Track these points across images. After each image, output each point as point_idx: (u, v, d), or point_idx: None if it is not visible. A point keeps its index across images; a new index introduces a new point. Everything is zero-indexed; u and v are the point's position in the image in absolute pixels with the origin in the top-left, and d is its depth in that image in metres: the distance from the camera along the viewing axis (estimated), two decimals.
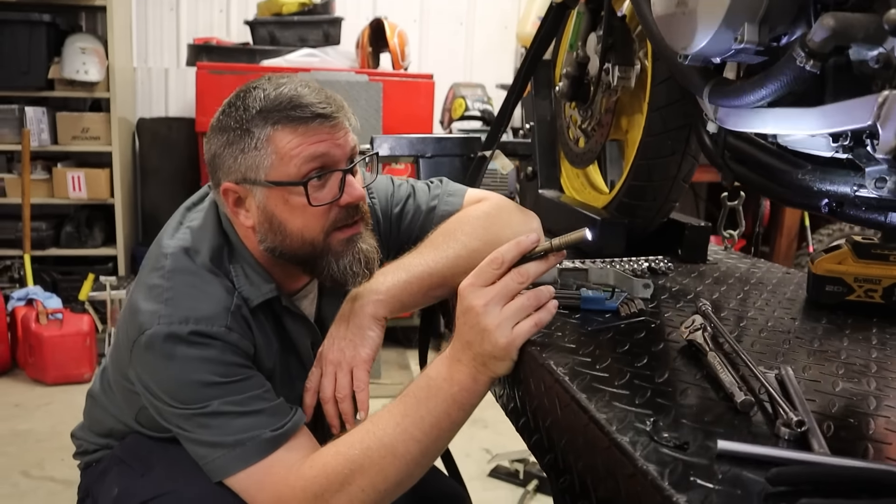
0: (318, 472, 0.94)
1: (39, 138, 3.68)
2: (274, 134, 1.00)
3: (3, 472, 2.41)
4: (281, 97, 1.00)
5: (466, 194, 1.27)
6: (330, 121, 1.01)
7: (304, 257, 1.07)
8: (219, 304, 1.01)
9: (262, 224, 1.05)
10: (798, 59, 0.69)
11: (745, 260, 1.51)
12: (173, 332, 0.97)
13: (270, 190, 1.02)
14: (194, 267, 1.05)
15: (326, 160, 1.02)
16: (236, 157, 1.02)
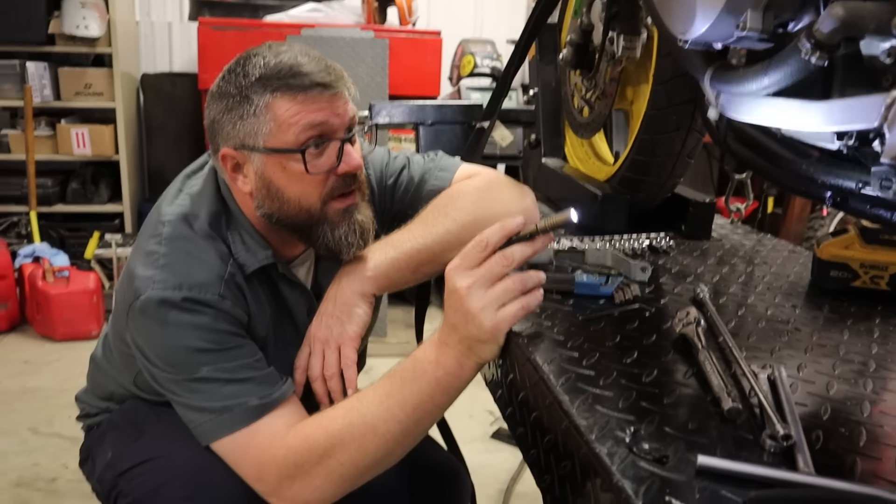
0: (300, 443, 0.96)
1: (42, 94, 3.64)
2: (273, 101, 1.00)
3: (12, 428, 2.46)
4: (281, 65, 1.00)
5: (459, 169, 1.25)
6: (329, 90, 1.01)
7: (300, 225, 1.07)
8: (213, 272, 1.02)
9: (259, 190, 1.05)
10: (803, 51, 0.64)
11: (751, 235, 1.47)
12: (167, 298, 0.98)
13: (268, 157, 1.02)
14: (191, 234, 1.05)
15: (325, 129, 1.01)
16: (235, 123, 1.02)
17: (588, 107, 1.55)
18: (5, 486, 2.14)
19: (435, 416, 0.94)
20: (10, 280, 3.30)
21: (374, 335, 3.43)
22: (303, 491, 0.96)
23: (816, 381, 0.76)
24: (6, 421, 2.50)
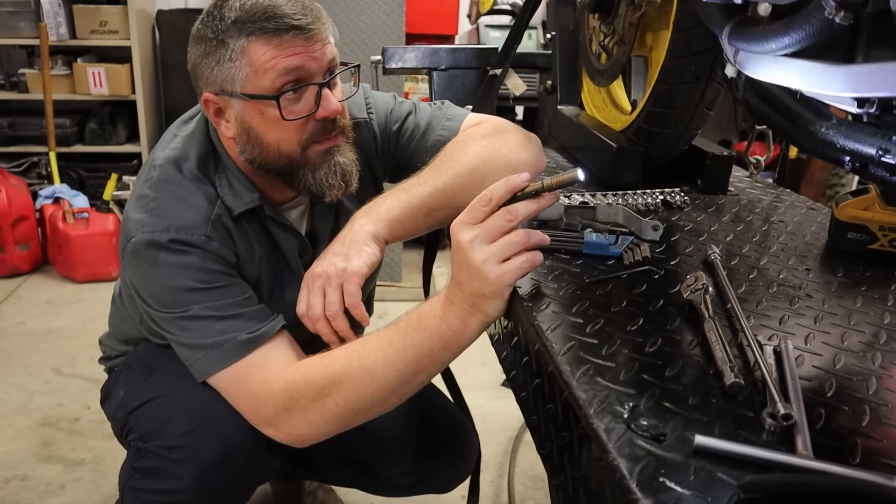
0: (300, 379, 0.98)
1: (57, 32, 3.60)
2: (248, 45, 0.98)
3: (36, 368, 2.53)
4: (256, 7, 0.98)
5: (466, 119, 1.24)
6: (305, 32, 0.99)
7: (281, 169, 1.07)
8: (199, 214, 1.04)
9: (240, 136, 1.06)
10: (827, 9, 0.60)
11: (770, 191, 1.43)
12: (155, 240, 1.01)
13: (246, 102, 1.02)
14: (179, 178, 1.07)
15: (302, 73, 1.00)
16: (212, 68, 1.02)
17: (606, 53, 1.50)
18: (31, 425, 2.21)
19: (434, 370, 0.95)
20: (32, 221, 3.34)
21: (390, 279, 3.45)
22: (297, 424, 1.00)
23: (824, 353, 0.74)
24: (31, 361, 2.57)
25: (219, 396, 1.05)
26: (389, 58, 1.68)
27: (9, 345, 2.69)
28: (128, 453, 1.16)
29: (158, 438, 1.07)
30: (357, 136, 1.21)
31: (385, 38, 3.29)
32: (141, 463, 1.09)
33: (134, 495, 1.10)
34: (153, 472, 1.07)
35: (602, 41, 1.49)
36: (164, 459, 1.05)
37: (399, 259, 3.46)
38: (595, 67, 1.59)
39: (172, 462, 1.04)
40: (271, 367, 1.02)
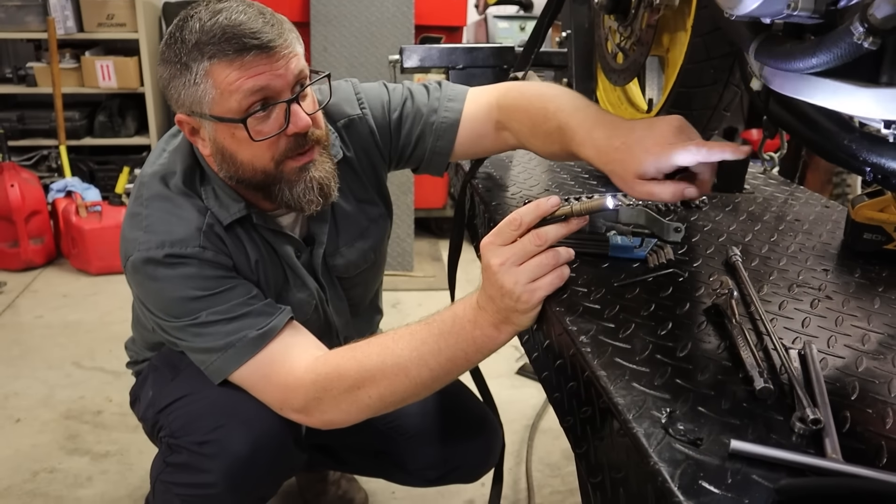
0: (331, 370, 1.02)
1: (65, 26, 3.62)
2: (211, 68, 0.99)
3: (57, 362, 2.57)
4: (215, 28, 0.97)
5: (468, 95, 1.25)
6: (267, 51, 0.98)
7: (258, 185, 1.10)
8: (191, 226, 1.07)
9: (215, 154, 1.08)
10: (856, 35, 0.63)
11: (783, 188, 1.46)
12: (151, 257, 1.05)
13: (217, 123, 1.03)
14: (168, 193, 1.10)
15: (268, 92, 1.01)
16: (180, 91, 1.03)
17: (622, 53, 1.52)
18: (56, 418, 2.26)
19: (465, 369, 0.99)
20: (45, 214, 3.37)
21: (401, 268, 3.49)
22: (328, 411, 1.04)
23: (846, 356, 0.78)
24: (52, 355, 2.61)
25: (245, 392, 1.09)
26: (407, 57, 1.70)
27: (28, 338, 2.73)
28: (159, 449, 1.20)
29: (189, 434, 1.11)
30: (353, 134, 1.23)
31: (394, 29, 3.31)
32: (172, 458, 1.13)
33: (165, 488, 1.15)
34: (184, 467, 1.11)
35: (619, 42, 1.52)
36: (195, 454, 1.10)
37: (410, 248, 3.50)
38: (611, 67, 1.61)
39: (203, 457, 1.09)
40: (296, 358, 1.06)
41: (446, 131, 1.22)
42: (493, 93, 1.22)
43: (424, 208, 3.64)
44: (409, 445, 1.46)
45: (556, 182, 1.42)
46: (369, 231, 1.30)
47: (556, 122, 1.04)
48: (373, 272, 1.37)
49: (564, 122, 1.03)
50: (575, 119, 1.02)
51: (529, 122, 1.12)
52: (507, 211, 1.21)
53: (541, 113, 1.09)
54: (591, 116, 1.01)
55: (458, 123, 1.22)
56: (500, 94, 1.21)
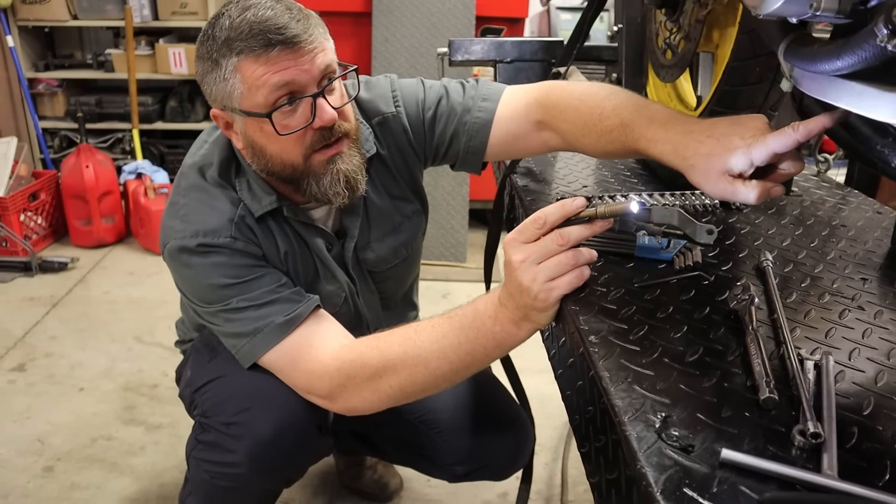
0: (355, 359, 1.05)
1: (141, 14, 3.77)
2: (240, 64, 1.01)
3: (120, 336, 2.71)
4: (243, 24, 1.00)
5: (505, 94, 1.23)
6: (293, 46, 1.00)
7: (287, 177, 1.12)
8: (223, 217, 1.11)
9: (247, 148, 1.12)
10: (880, 37, 0.61)
11: (836, 192, 1.40)
12: (185, 246, 1.09)
13: (246, 118, 1.06)
14: (204, 184, 1.15)
15: (294, 87, 1.03)
16: (212, 86, 1.06)
17: (670, 49, 1.49)
18: (115, 389, 2.38)
19: (485, 364, 1.00)
20: (116, 195, 3.54)
21: (455, 259, 3.51)
22: (351, 398, 1.07)
23: (867, 369, 0.75)
24: (115, 329, 2.75)
25: (274, 378, 1.13)
26: (455, 50, 1.71)
27: (95, 312, 2.88)
28: (193, 426, 1.26)
29: (218, 415, 1.16)
30: (386, 131, 1.24)
31: (455, 20, 3.31)
32: (203, 436, 1.18)
33: (196, 464, 1.20)
34: (213, 446, 1.16)
35: (667, 37, 1.49)
36: (223, 434, 1.14)
37: (464, 240, 3.51)
38: (660, 62, 1.58)
39: (229, 437, 1.13)
40: (323, 346, 1.09)
41: (479, 131, 1.21)
42: (533, 93, 1.20)
43: (480, 199, 3.64)
44: (438, 439, 1.48)
45: (598, 179, 1.41)
46: (402, 227, 1.31)
47: (618, 119, 1.01)
48: (405, 267, 1.38)
49: (628, 119, 0.99)
50: (642, 115, 0.98)
51: (581, 121, 1.09)
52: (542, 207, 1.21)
53: (595, 112, 1.06)
54: (660, 113, 0.98)
55: (491, 123, 1.21)
56: (540, 94, 1.19)
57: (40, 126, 3.89)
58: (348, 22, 3.41)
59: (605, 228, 0.85)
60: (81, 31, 4.21)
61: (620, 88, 1.10)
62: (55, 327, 2.76)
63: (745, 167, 0.80)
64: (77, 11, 3.79)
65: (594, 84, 1.13)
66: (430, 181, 3.39)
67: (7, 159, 3.37)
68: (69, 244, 3.54)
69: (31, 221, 3.40)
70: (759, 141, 0.79)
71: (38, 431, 2.16)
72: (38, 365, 2.51)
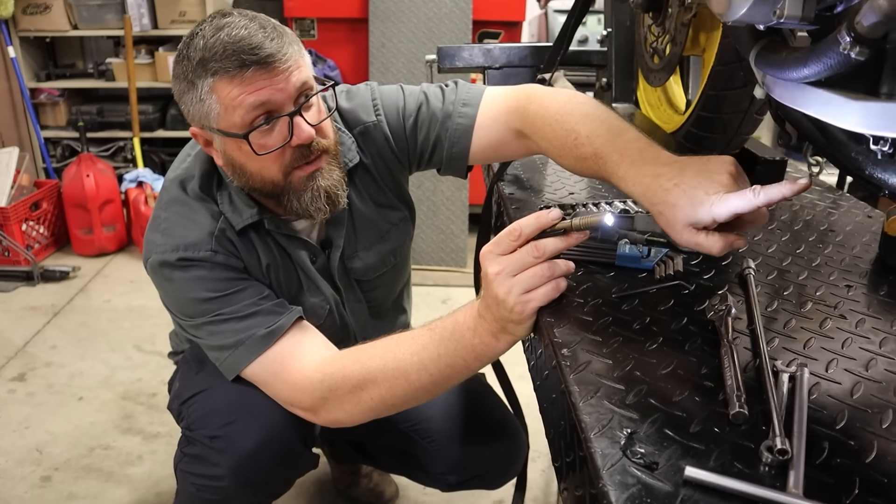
0: (336, 371, 1.05)
1: (140, 23, 3.78)
2: (215, 84, 1.01)
3: (119, 344, 2.71)
4: (217, 45, 0.99)
5: (484, 98, 1.20)
6: (266, 66, 1.00)
7: (268, 193, 1.12)
8: (203, 231, 1.11)
9: (227, 165, 1.11)
10: (842, 45, 0.60)
11: (827, 195, 1.39)
12: (166, 260, 1.09)
13: (225, 137, 1.06)
14: (185, 197, 1.14)
15: (270, 106, 1.02)
16: (189, 106, 1.06)
17: (657, 54, 1.48)
18: (114, 398, 2.39)
19: (465, 376, 1.00)
20: (118, 204, 3.55)
21: (455, 264, 3.50)
22: (334, 411, 1.07)
23: (843, 381, 0.74)
24: (115, 338, 2.76)
25: (260, 391, 1.12)
26: (444, 57, 1.70)
27: (96, 321, 2.89)
28: (179, 438, 1.26)
29: (202, 428, 1.16)
30: (368, 140, 1.23)
31: (452, 25, 3.31)
32: (188, 449, 1.18)
33: (183, 477, 1.20)
34: (198, 459, 1.16)
35: (654, 42, 1.48)
36: (207, 448, 1.14)
37: (464, 245, 3.51)
38: (649, 66, 1.57)
39: (213, 450, 1.13)
40: (305, 358, 1.09)
41: (461, 138, 1.20)
42: (512, 100, 1.17)
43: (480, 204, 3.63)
44: (431, 449, 1.47)
45: (586, 185, 1.39)
46: (389, 234, 1.31)
47: (591, 148, 0.97)
48: (394, 275, 1.38)
49: (601, 149, 0.95)
50: (614, 149, 0.93)
51: (558, 142, 1.05)
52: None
53: (570, 136, 1.01)
54: (632, 147, 0.92)
55: (473, 129, 1.20)
56: (520, 104, 1.15)
57: (42, 135, 3.91)
58: (345, 28, 3.42)
59: (580, 240, 0.85)
60: (82, 41, 4.23)
61: (596, 106, 1.04)
62: (56, 336, 2.77)
63: (707, 223, 0.78)
64: (77, 21, 3.80)
65: (572, 100, 1.07)
66: (429, 186, 3.39)
67: (9, 169, 3.39)
68: (71, 253, 3.55)
69: (33, 231, 3.42)
70: (721, 200, 0.77)
71: (36, 441, 2.16)
72: (37, 374, 2.52)
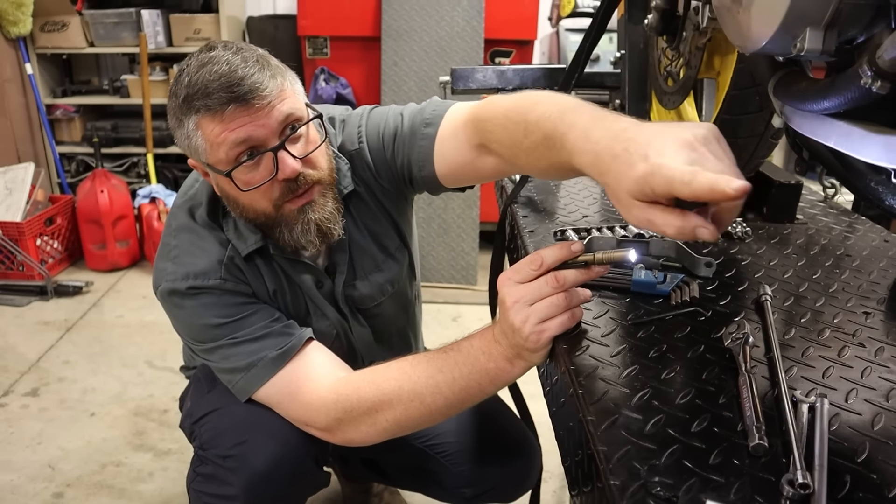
0: (351, 392, 1.05)
1: (156, 41, 3.82)
2: (199, 122, 1.02)
3: (131, 360, 2.72)
4: (199, 83, 0.99)
5: (447, 115, 1.11)
6: (245, 103, 0.99)
7: (261, 225, 1.13)
8: (212, 259, 1.12)
9: (223, 196, 1.13)
10: (863, 78, 0.60)
11: (843, 218, 1.38)
12: (176, 289, 1.11)
13: (215, 172, 1.07)
14: (193, 225, 1.15)
15: (252, 142, 1.02)
16: (181, 141, 1.07)
17: (671, 77, 1.48)
18: (125, 414, 2.39)
19: (479, 399, 1.00)
20: (131, 219, 3.58)
21: (465, 282, 3.50)
22: (349, 430, 1.08)
23: (864, 412, 0.73)
24: (127, 353, 2.77)
25: (270, 411, 1.13)
26: (457, 79, 1.71)
27: (109, 336, 2.90)
28: (192, 458, 1.26)
29: (215, 447, 1.16)
30: (357, 168, 1.22)
31: (464, 44, 3.33)
32: (201, 469, 1.18)
33: (196, 496, 1.20)
34: (210, 478, 1.16)
35: (668, 65, 1.48)
36: (219, 467, 1.14)
37: (475, 262, 3.51)
38: (662, 89, 1.57)
39: (226, 470, 1.13)
40: (319, 378, 1.10)
41: (425, 160, 1.13)
42: (468, 113, 1.06)
43: (491, 221, 3.64)
44: (447, 464, 1.48)
45: (600, 208, 1.40)
46: (386, 264, 1.30)
47: (541, 133, 0.83)
48: (393, 303, 1.36)
49: (550, 130, 0.81)
50: (563, 123, 0.79)
51: (509, 140, 0.92)
52: (541, 240, 1.20)
53: (520, 127, 0.88)
54: (586, 115, 0.77)
55: (433, 152, 1.12)
56: (473, 113, 1.04)
57: (57, 151, 3.95)
58: (358, 46, 3.45)
59: (601, 275, 0.85)
60: (98, 58, 4.28)
61: (552, 94, 0.90)
62: (69, 352, 2.78)
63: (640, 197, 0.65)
64: (94, 39, 3.85)
65: (526, 93, 0.94)
66: (440, 204, 3.40)
67: (25, 185, 3.42)
68: (84, 268, 3.57)
69: (48, 246, 3.44)
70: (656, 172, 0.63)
71: (49, 457, 2.17)
72: (50, 390, 2.53)
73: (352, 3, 3.36)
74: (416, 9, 3.30)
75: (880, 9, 0.62)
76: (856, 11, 0.62)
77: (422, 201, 3.35)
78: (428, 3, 3.30)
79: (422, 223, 3.41)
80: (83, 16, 3.79)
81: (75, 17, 3.77)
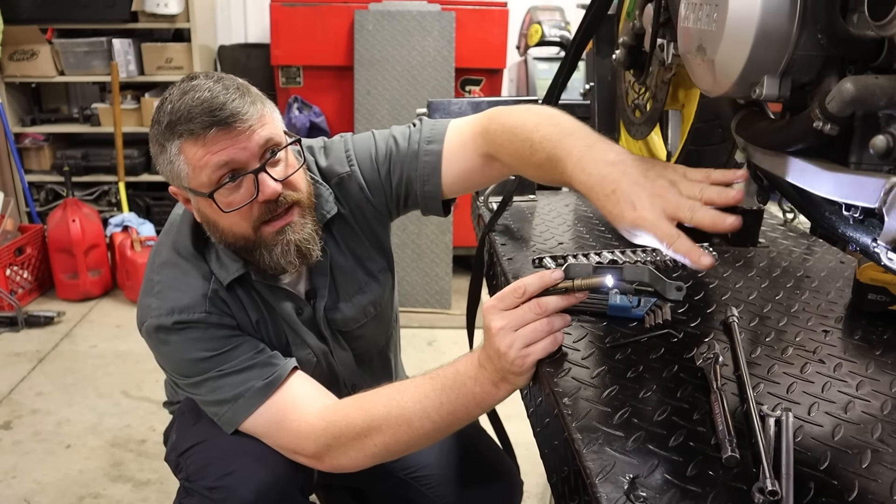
0: (340, 419, 1.08)
1: (127, 69, 3.84)
2: (182, 146, 1.06)
3: (107, 390, 2.70)
4: (182, 108, 1.04)
5: (449, 131, 1.22)
6: (227, 127, 1.04)
7: (241, 249, 1.15)
8: (197, 293, 1.14)
9: (203, 222, 1.15)
10: (815, 121, 0.67)
11: (802, 241, 1.47)
12: (161, 325, 1.12)
13: (196, 195, 1.10)
14: (177, 259, 1.17)
15: (234, 165, 1.06)
16: (164, 167, 1.11)
17: (638, 109, 1.56)
18: (102, 445, 2.37)
19: (466, 422, 1.04)
20: (103, 248, 3.56)
21: (439, 306, 3.55)
22: (338, 456, 1.10)
23: (825, 424, 0.80)
24: (102, 384, 2.75)
25: (257, 441, 1.15)
26: (434, 110, 1.77)
27: (82, 367, 2.88)
28: (178, 490, 1.27)
29: (201, 479, 1.18)
30: (345, 191, 1.26)
31: (435, 72, 3.41)
32: (188, 501, 1.20)
33: None
34: None
35: (636, 98, 1.56)
36: (206, 498, 1.16)
37: (448, 287, 3.55)
38: (630, 120, 1.65)
39: (213, 501, 1.15)
40: (306, 406, 1.12)
41: (431, 175, 1.22)
42: (476, 126, 1.18)
43: (464, 246, 3.70)
44: (430, 494, 1.50)
45: (574, 235, 1.46)
46: (369, 286, 1.33)
47: (544, 153, 0.98)
48: (375, 325, 1.40)
49: (552, 153, 0.96)
50: (562, 148, 0.95)
51: (517, 154, 1.06)
52: (519, 267, 1.25)
53: (526, 145, 1.02)
54: (580, 142, 0.94)
55: (440, 165, 1.21)
56: (482, 127, 1.16)
57: (26, 180, 3.91)
58: (331, 75, 3.50)
59: (581, 300, 0.90)
60: (68, 87, 4.27)
61: (549, 111, 1.06)
62: (41, 383, 2.75)
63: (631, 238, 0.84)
64: (64, 67, 3.85)
65: (527, 111, 1.09)
66: (413, 229, 3.45)
67: None
68: (55, 298, 3.54)
69: (17, 276, 3.41)
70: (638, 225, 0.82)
71: (24, 491, 2.14)
72: (24, 422, 2.50)
73: (325, 33, 3.42)
74: (388, 38, 3.37)
75: (828, 59, 0.69)
76: (807, 62, 0.69)
77: (396, 227, 3.39)
78: (400, 33, 3.38)
79: (396, 248, 3.44)
80: (53, 45, 3.79)
81: (45, 46, 3.77)
